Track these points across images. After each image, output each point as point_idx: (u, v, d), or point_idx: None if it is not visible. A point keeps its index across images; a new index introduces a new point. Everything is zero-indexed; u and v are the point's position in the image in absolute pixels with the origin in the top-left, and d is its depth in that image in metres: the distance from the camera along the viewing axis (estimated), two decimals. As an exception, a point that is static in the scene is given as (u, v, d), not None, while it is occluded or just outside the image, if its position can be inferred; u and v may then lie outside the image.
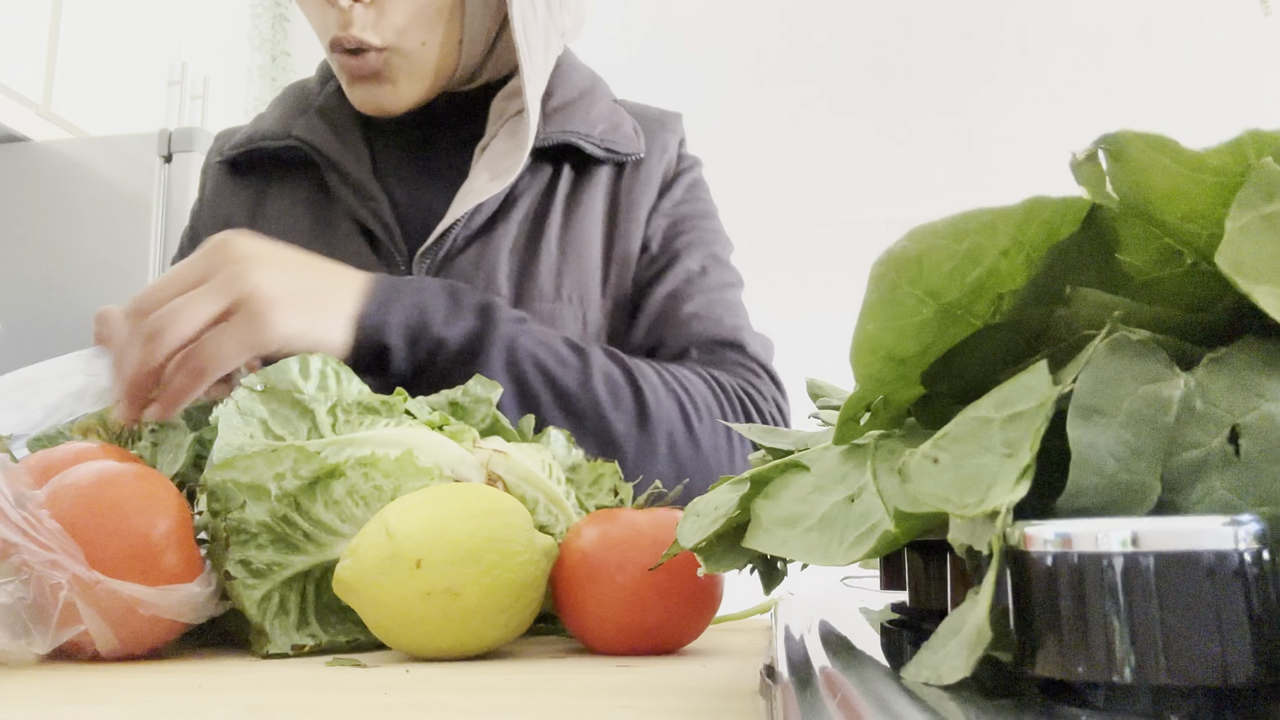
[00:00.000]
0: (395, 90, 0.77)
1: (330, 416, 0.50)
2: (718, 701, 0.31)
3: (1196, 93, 2.30)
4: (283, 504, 0.45)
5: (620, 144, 0.83)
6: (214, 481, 0.45)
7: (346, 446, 0.48)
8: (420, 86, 0.78)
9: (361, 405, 0.51)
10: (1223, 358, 0.20)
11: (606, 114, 0.85)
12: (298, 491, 0.45)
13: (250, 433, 0.48)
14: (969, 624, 0.19)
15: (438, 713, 0.30)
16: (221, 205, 0.85)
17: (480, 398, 0.60)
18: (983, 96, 2.47)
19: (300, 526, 0.45)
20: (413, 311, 0.63)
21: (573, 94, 0.84)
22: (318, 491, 0.46)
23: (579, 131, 0.81)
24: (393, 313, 0.62)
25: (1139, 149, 0.22)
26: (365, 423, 0.51)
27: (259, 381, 0.49)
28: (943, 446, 0.21)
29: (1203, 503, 0.19)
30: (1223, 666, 0.16)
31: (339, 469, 0.46)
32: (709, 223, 0.86)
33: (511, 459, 0.51)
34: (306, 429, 0.49)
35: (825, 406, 0.40)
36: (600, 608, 0.42)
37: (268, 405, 0.49)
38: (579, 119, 0.82)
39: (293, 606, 0.45)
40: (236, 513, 0.44)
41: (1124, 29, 2.41)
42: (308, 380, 0.51)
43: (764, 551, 0.27)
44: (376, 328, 0.61)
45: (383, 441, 0.49)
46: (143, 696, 0.33)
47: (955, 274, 0.23)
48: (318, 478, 0.46)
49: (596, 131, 0.82)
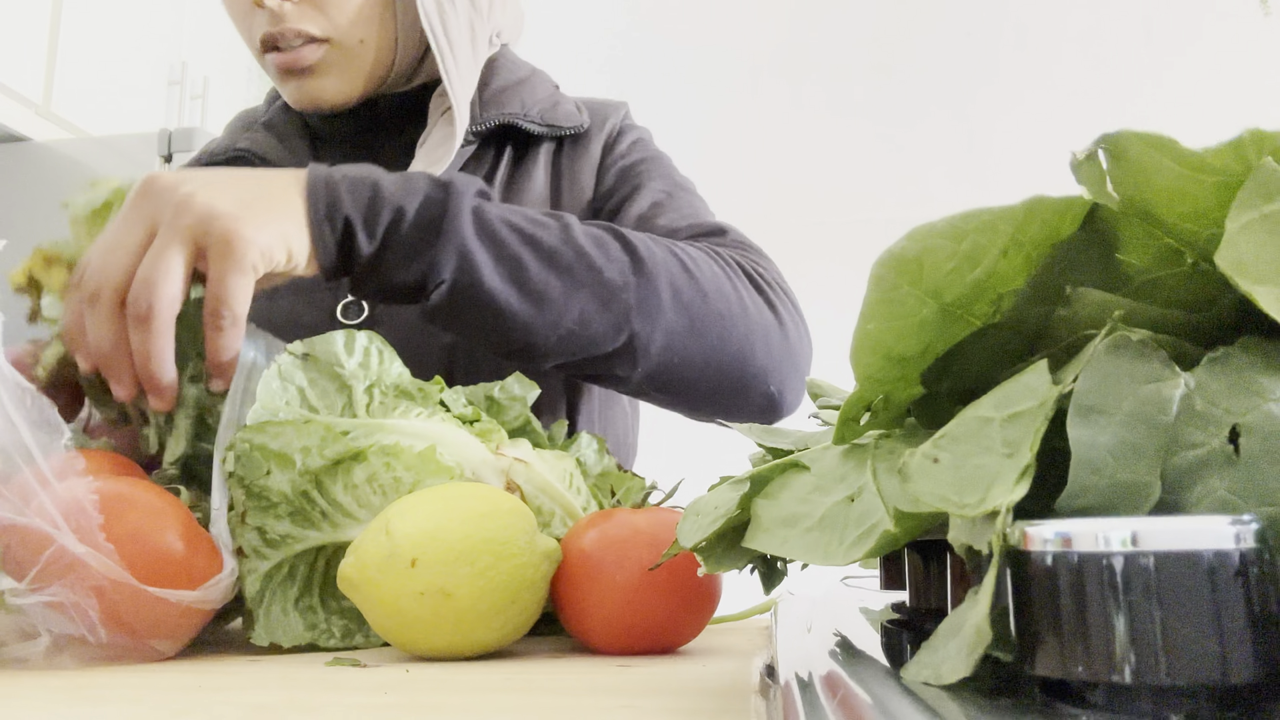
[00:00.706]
0: (328, 84, 0.77)
1: (366, 396, 0.50)
2: (718, 701, 0.31)
3: (1197, 92, 2.30)
4: (305, 479, 0.46)
5: (560, 119, 0.84)
6: (243, 445, 0.45)
7: (375, 432, 0.48)
8: (354, 83, 0.78)
9: (399, 389, 0.52)
10: (1223, 358, 0.20)
11: (545, 96, 0.86)
12: (320, 470, 0.46)
13: (287, 399, 0.48)
14: (969, 624, 0.19)
15: (438, 713, 0.30)
16: None
17: (516, 396, 0.60)
18: (983, 96, 2.47)
19: (319, 504, 0.46)
20: (361, 186, 0.59)
21: (510, 80, 0.85)
22: (339, 473, 0.46)
23: (516, 112, 0.82)
24: (340, 189, 0.58)
25: (1139, 149, 0.22)
26: (399, 408, 0.51)
27: (303, 348, 0.49)
28: (943, 446, 0.21)
29: (1203, 503, 0.19)
30: (1223, 666, 0.16)
31: (363, 454, 0.46)
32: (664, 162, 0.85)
33: (532, 469, 0.51)
34: (342, 405, 0.50)
35: (825, 406, 0.40)
36: (599, 607, 0.42)
37: (308, 374, 0.50)
38: (515, 102, 0.83)
39: (299, 577, 0.46)
40: (261, 479, 0.45)
41: (1124, 29, 2.41)
42: (351, 356, 0.51)
43: (764, 551, 0.27)
44: (331, 205, 0.58)
45: (410, 433, 0.49)
46: (143, 697, 0.33)
47: (955, 274, 0.23)
48: (341, 459, 0.46)
49: (535, 111, 0.83)
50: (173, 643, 0.42)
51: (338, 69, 0.77)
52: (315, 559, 0.46)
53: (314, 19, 0.75)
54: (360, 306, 0.77)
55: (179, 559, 0.41)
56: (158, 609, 0.40)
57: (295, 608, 0.45)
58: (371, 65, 0.78)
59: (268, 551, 0.45)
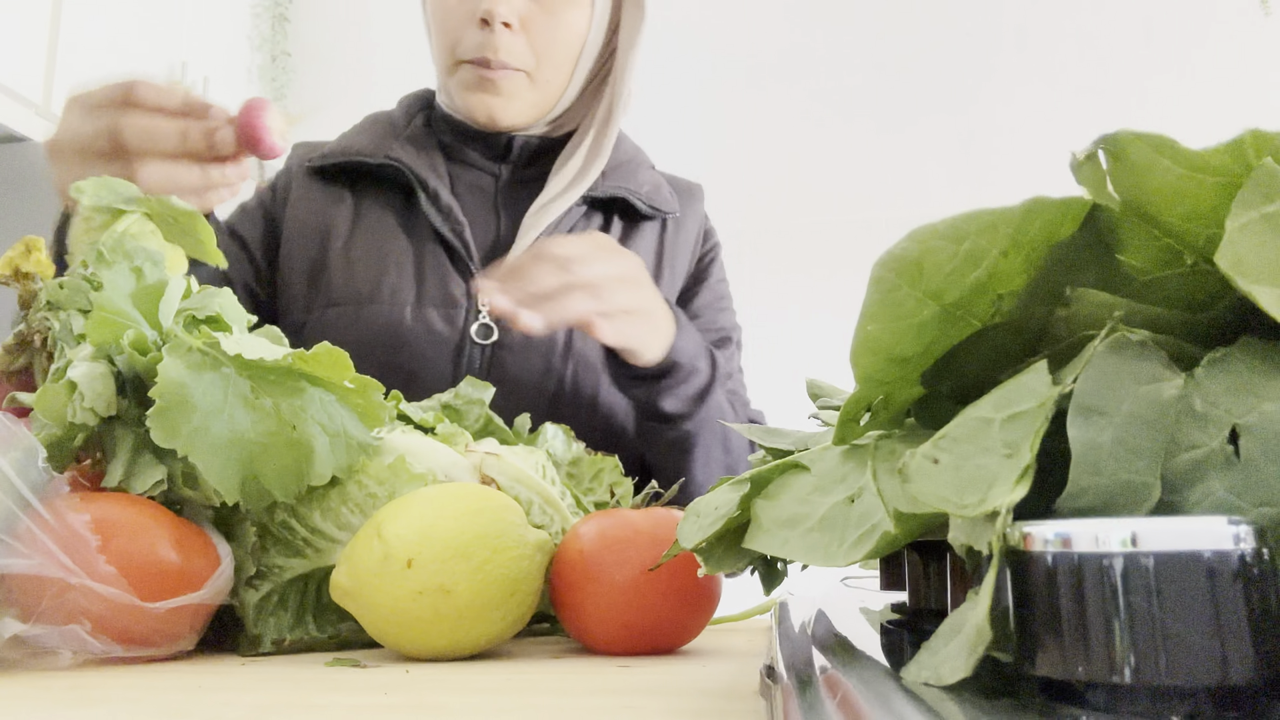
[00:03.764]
0: (511, 108, 0.87)
1: None
2: (718, 701, 0.31)
3: (1197, 92, 2.30)
4: (282, 510, 0.46)
5: (662, 203, 0.95)
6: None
7: None
8: (529, 113, 0.88)
9: None
10: (1223, 358, 0.20)
11: (649, 178, 0.98)
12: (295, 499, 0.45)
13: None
14: (969, 624, 0.19)
15: (438, 713, 0.30)
16: (314, 203, 0.93)
17: (474, 399, 0.61)
18: (983, 97, 2.47)
19: (299, 533, 0.46)
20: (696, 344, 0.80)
21: (623, 158, 0.97)
22: (314, 500, 0.46)
23: (630, 188, 0.93)
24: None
25: (1139, 149, 0.22)
26: None
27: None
28: (943, 447, 0.21)
29: (1203, 503, 0.19)
30: (1223, 666, 0.16)
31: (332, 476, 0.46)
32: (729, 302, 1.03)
33: (504, 461, 0.51)
34: None
35: (825, 406, 0.40)
36: (599, 608, 0.42)
37: None
38: (631, 179, 0.94)
39: (291, 607, 0.46)
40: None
41: (1125, 29, 2.41)
42: None
43: (764, 552, 0.27)
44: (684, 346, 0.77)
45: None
46: (143, 697, 0.33)
47: (955, 274, 0.23)
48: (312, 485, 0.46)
49: (644, 190, 0.94)
50: (191, 638, 0.43)
51: (521, 97, 0.87)
52: (305, 586, 0.46)
53: (523, 50, 0.84)
54: (490, 328, 0.85)
55: (179, 567, 0.41)
56: (169, 619, 0.40)
57: (290, 634, 0.45)
58: (547, 102, 0.89)
59: (258, 583, 0.45)
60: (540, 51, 0.85)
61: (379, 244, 0.87)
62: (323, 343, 0.46)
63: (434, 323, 0.84)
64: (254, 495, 0.44)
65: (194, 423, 0.43)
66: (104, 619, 0.39)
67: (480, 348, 0.84)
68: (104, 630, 0.39)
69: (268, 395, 0.45)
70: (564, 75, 0.88)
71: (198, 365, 0.44)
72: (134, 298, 0.49)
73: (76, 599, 0.38)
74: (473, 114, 0.87)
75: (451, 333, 0.84)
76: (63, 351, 0.47)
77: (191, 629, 0.42)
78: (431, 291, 0.85)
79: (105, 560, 0.39)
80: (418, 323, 0.84)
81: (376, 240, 0.88)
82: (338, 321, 0.85)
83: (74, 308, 0.48)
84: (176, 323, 0.49)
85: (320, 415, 0.46)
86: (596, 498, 0.60)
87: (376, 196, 0.91)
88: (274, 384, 0.45)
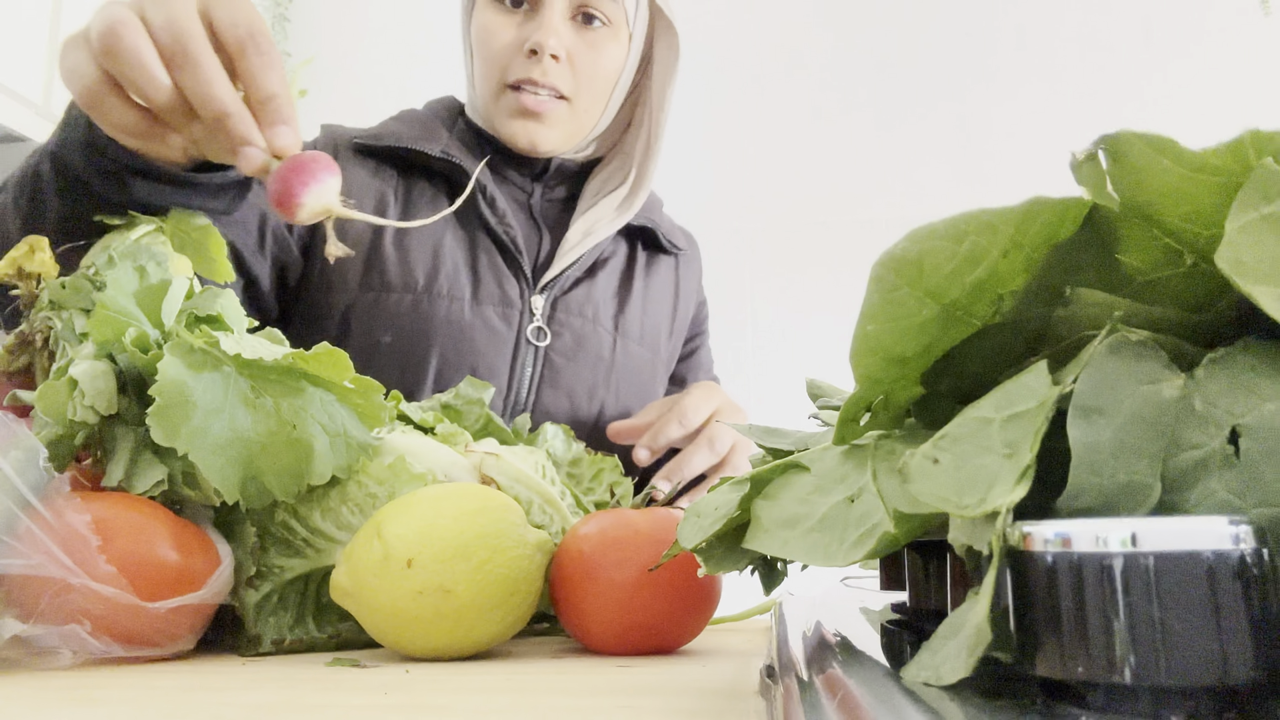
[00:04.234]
0: (551, 134, 0.90)
1: None
2: (718, 701, 0.31)
3: (1197, 92, 2.30)
4: (282, 510, 0.46)
5: (677, 240, 1.04)
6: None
7: None
8: (567, 140, 0.92)
9: None
10: (1223, 358, 0.20)
11: (665, 217, 1.07)
12: (295, 499, 0.45)
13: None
14: (969, 624, 0.19)
15: (438, 713, 0.30)
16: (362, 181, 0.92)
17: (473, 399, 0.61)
18: (983, 97, 2.47)
19: (299, 533, 0.46)
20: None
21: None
22: (314, 500, 0.46)
23: (656, 222, 1.00)
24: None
25: (1139, 149, 0.22)
26: None
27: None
28: (943, 447, 0.21)
29: (1203, 503, 0.19)
30: (1223, 666, 0.16)
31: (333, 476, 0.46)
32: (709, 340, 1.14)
33: (504, 461, 0.51)
34: None
35: (825, 406, 0.40)
36: (599, 608, 0.42)
37: None
38: (654, 213, 1.02)
39: (291, 606, 0.46)
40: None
41: (1124, 29, 2.41)
42: None
43: (764, 553, 0.27)
44: None
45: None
46: (143, 697, 0.33)
47: (955, 274, 0.23)
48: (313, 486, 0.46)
49: (663, 227, 1.02)
50: (191, 638, 0.43)
51: (562, 125, 0.90)
52: (305, 586, 0.46)
53: (567, 79, 0.88)
54: (545, 332, 0.89)
55: (179, 567, 0.41)
56: (169, 618, 0.40)
57: (290, 634, 0.45)
58: (582, 130, 0.93)
59: (258, 583, 0.45)
60: (581, 82, 0.89)
61: (431, 235, 0.88)
62: (323, 343, 0.46)
63: (492, 320, 0.87)
64: (254, 495, 0.44)
65: (194, 422, 0.43)
66: (104, 619, 0.39)
67: (534, 349, 0.88)
68: (104, 630, 0.39)
69: (268, 395, 0.45)
70: (600, 105, 0.92)
71: (198, 364, 0.44)
72: (137, 297, 0.49)
73: (77, 599, 0.38)
74: (515, 139, 0.90)
75: (509, 332, 0.87)
76: (64, 351, 0.48)
77: (191, 629, 0.42)
78: (488, 290, 0.88)
79: (105, 560, 0.39)
80: (476, 318, 0.86)
81: (428, 231, 0.88)
82: (396, 308, 0.85)
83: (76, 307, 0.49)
84: (178, 322, 0.49)
85: (320, 415, 0.46)
86: (596, 498, 0.60)
87: (424, 189, 0.92)
88: (274, 383, 0.45)
